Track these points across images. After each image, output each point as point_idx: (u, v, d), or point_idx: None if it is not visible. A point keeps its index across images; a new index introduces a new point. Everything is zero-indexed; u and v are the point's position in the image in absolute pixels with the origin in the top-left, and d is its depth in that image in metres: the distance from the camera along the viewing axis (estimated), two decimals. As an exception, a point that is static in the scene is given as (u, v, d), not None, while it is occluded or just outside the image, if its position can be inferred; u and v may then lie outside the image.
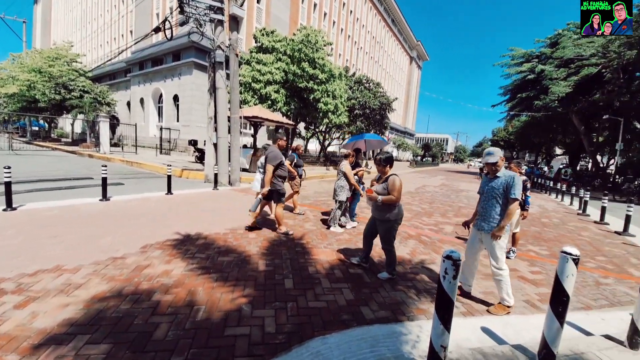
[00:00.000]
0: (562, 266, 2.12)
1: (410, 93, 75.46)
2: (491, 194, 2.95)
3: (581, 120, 25.11)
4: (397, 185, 3.32)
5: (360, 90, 20.66)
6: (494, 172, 2.95)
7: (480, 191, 3.15)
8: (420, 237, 5.42)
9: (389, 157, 3.53)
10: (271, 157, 4.46)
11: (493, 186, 2.94)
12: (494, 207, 2.92)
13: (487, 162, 2.95)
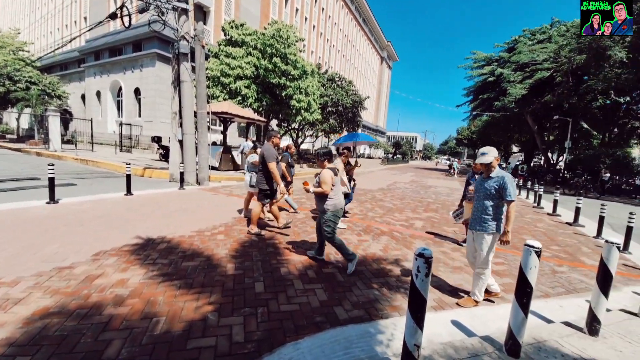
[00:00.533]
0: (525, 259, 2.20)
1: (381, 92, 77.31)
2: (484, 195, 2.91)
3: (534, 120, 27.22)
4: (326, 178, 3.43)
5: (333, 88, 20.69)
6: (488, 172, 2.91)
7: (476, 190, 3.12)
8: (392, 233, 5.49)
9: (326, 152, 3.67)
10: (268, 156, 4.42)
11: (486, 187, 2.90)
12: (487, 208, 2.88)
13: (481, 163, 2.89)
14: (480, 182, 3.01)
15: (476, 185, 3.08)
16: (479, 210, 2.95)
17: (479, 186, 3.01)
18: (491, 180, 2.88)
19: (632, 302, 3.24)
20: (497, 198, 2.84)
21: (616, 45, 14.29)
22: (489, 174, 2.92)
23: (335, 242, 3.53)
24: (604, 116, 25.79)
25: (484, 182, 2.96)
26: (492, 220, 2.88)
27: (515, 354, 2.23)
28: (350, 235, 5.06)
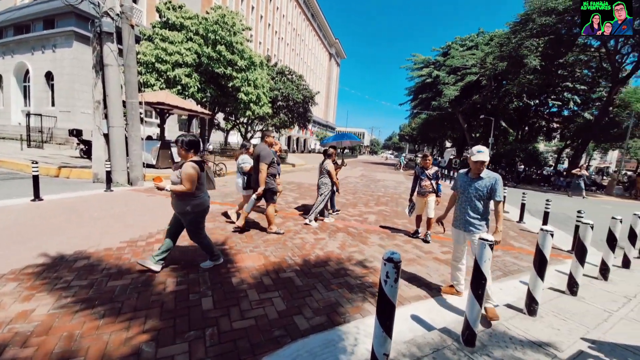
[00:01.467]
0: (481, 252, 2.26)
1: (331, 88, 78.65)
2: (475, 195, 2.83)
3: (465, 118, 30.45)
4: (190, 174, 2.87)
5: (283, 81, 20.19)
6: (479, 171, 2.80)
7: (459, 190, 2.98)
8: (347, 229, 5.48)
9: (192, 140, 2.99)
10: (264, 155, 4.30)
11: (477, 187, 2.81)
12: (478, 208, 2.82)
13: (478, 160, 2.73)
14: (469, 181, 2.88)
15: (462, 185, 2.93)
16: (470, 210, 2.86)
17: (466, 186, 2.89)
18: (482, 180, 2.80)
19: (558, 281, 3.68)
20: (487, 198, 2.81)
21: (531, 54, 16.62)
22: (479, 174, 2.81)
23: (205, 242, 3.23)
24: (518, 116, 30.05)
25: (473, 182, 2.85)
26: (482, 220, 2.85)
27: (471, 343, 2.30)
28: (306, 235, 4.88)
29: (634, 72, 16.96)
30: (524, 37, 16.57)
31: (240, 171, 5.05)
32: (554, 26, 16.25)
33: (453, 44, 31.15)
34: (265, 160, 4.27)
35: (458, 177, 3.04)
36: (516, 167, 23.89)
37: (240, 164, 5.01)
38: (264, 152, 4.32)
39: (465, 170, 3.02)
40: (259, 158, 4.30)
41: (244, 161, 5.00)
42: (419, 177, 5.12)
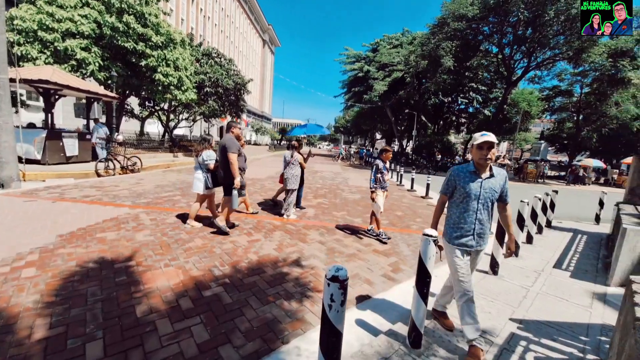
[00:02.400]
0: (424, 248, 2.12)
1: (265, 77, 75.83)
2: (490, 199, 2.16)
3: (392, 112, 32.81)
4: None
5: (211, 64, 18.26)
6: (485, 161, 2.08)
7: (461, 193, 2.18)
8: (285, 226, 5.08)
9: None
10: (230, 145, 4.10)
11: (492, 188, 2.15)
12: (490, 215, 2.21)
13: (486, 141, 2.04)
14: (478, 181, 2.14)
15: (467, 186, 2.15)
16: (484, 219, 2.17)
17: (475, 187, 2.13)
18: (494, 179, 2.16)
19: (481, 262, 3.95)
20: (494, 201, 2.21)
21: (447, 55, 18.52)
22: (485, 165, 2.11)
23: None
24: (435, 111, 33.77)
25: (484, 181, 2.13)
26: (489, 229, 2.25)
27: (418, 345, 2.19)
28: (238, 237, 4.31)
29: (523, 75, 20.50)
30: (441, 38, 18.38)
31: (203, 168, 4.54)
32: (464, 31, 18.40)
33: (381, 41, 32.96)
34: (232, 149, 4.08)
35: (456, 176, 2.21)
36: (435, 156, 26.90)
37: (205, 160, 4.50)
38: (230, 141, 4.13)
39: (463, 166, 2.23)
40: (225, 149, 4.07)
41: (209, 157, 4.53)
42: (381, 170, 4.72)
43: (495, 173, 2.18)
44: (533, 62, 19.91)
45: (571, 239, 5.69)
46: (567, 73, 24.27)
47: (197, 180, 4.58)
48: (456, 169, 2.26)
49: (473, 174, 2.16)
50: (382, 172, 4.71)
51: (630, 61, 14.82)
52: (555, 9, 14.45)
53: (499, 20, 18.21)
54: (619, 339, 1.73)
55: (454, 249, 2.24)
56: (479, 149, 2.09)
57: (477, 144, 2.09)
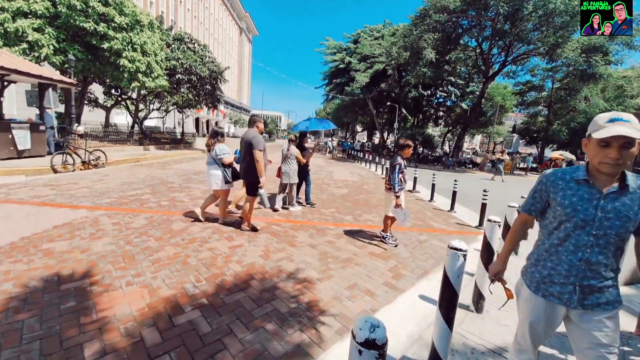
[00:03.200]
0: (453, 265, 1.76)
1: (243, 67, 73.21)
2: (616, 228, 1.21)
3: (373, 105, 32.70)
4: None
5: (183, 50, 16.96)
6: (614, 171, 1.20)
7: (578, 219, 1.26)
8: (270, 227, 4.60)
9: None
10: (257, 142, 3.90)
11: (622, 210, 1.21)
12: (610, 256, 1.25)
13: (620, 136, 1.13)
14: (595, 197, 1.25)
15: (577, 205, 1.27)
16: (600, 260, 1.25)
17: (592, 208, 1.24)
18: (628, 195, 1.22)
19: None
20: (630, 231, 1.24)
21: (429, 47, 18.40)
22: (616, 174, 1.23)
23: None
24: (414, 105, 34.07)
25: (609, 198, 1.23)
26: (615, 280, 1.30)
27: (441, 378, 1.84)
28: (217, 242, 3.78)
29: (500, 70, 20.90)
30: (422, 30, 18.22)
31: (219, 163, 4.31)
32: (445, 23, 18.35)
33: (362, 32, 32.50)
34: (259, 146, 3.89)
35: (552, 185, 1.36)
36: (416, 149, 27.15)
37: (219, 155, 4.29)
38: (257, 138, 3.91)
39: (566, 170, 1.36)
40: (251, 145, 3.87)
41: (223, 152, 4.31)
42: (403, 170, 4.04)
43: (631, 181, 1.23)
44: (510, 56, 20.35)
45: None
46: (540, 69, 25.17)
47: (214, 177, 4.29)
48: (552, 173, 1.39)
49: (584, 184, 1.27)
50: (403, 172, 4.03)
51: (602, 57, 15.48)
52: (534, 3, 14.66)
53: (478, 13, 18.31)
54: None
55: (535, 298, 1.39)
56: (604, 146, 1.18)
57: (600, 137, 1.17)
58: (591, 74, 16.13)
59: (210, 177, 4.30)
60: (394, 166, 4.01)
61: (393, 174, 4.00)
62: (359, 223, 5.22)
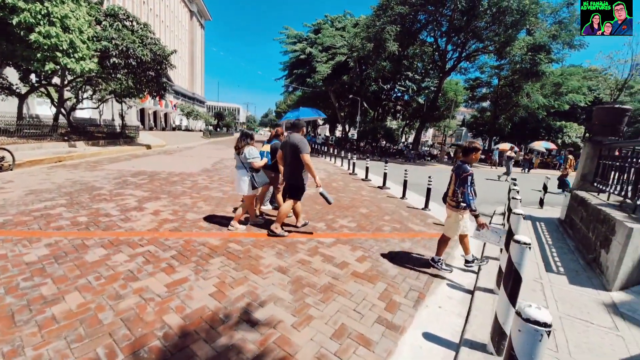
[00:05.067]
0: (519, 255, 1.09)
1: (195, 54, 67.73)
2: None
3: (336, 98, 32.30)
4: None
5: (117, 28, 14.48)
6: None
7: None
8: (227, 246, 3.66)
9: None
10: (303, 147, 3.92)
11: None
12: None
13: None
14: None
15: None
16: None
17: None
18: None
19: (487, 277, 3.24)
20: None
21: (391, 39, 18.21)
22: None
23: None
24: (375, 98, 34.42)
25: None
26: None
27: None
28: (149, 279, 2.77)
29: (455, 66, 21.67)
30: (385, 21, 17.97)
31: (247, 167, 4.10)
32: (405, 16, 18.32)
33: (323, 22, 31.65)
34: (306, 150, 3.94)
35: None
36: (379, 142, 27.43)
37: (248, 158, 4.07)
38: (303, 142, 3.99)
39: None
40: (298, 149, 3.93)
41: (252, 155, 4.10)
42: (469, 176, 3.15)
43: None
44: (464, 53, 21.17)
45: (533, 226, 5.59)
46: (488, 66, 26.84)
47: (242, 182, 4.07)
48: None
49: None
50: (471, 183, 3.16)
51: (546, 55, 16.71)
52: (489, 0, 15.17)
53: (436, 8, 18.60)
54: None
55: None
56: None
57: None
58: (535, 72, 17.38)
59: (238, 182, 4.10)
60: (464, 177, 3.10)
61: (464, 186, 3.10)
62: (334, 232, 4.52)
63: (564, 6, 17.15)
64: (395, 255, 3.78)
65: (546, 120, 27.21)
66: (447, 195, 3.45)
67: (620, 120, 5.47)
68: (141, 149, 16.00)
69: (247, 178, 4.04)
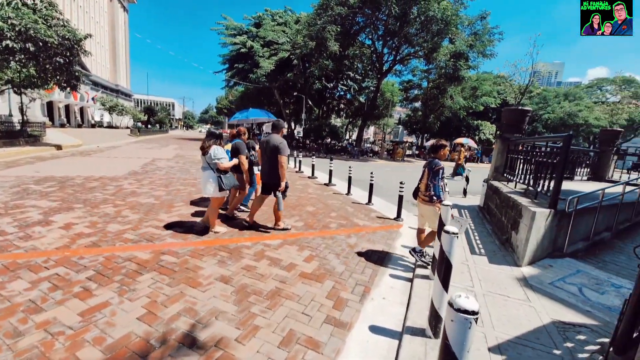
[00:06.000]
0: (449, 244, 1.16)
1: (118, 40, 59.67)
2: None
3: (280, 94, 31.87)
4: None
5: (16, 7, 11.90)
6: None
7: None
8: (159, 259, 3.26)
9: None
10: (284, 148, 4.06)
11: None
12: None
13: None
14: None
15: None
16: None
17: None
18: None
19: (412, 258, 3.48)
20: None
21: (332, 38, 18.56)
22: None
23: None
24: (319, 96, 34.96)
25: None
26: None
27: None
28: (58, 309, 2.30)
29: (391, 68, 23.19)
30: (326, 21, 18.27)
31: (212, 168, 3.89)
32: (345, 17, 18.90)
33: (264, 16, 30.80)
34: (285, 152, 4.05)
35: None
36: (324, 140, 27.95)
37: (213, 159, 3.85)
38: (283, 144, 4.05)
39: None
40: (278, 150, 4.01)
41: (217, 156, 3.88)
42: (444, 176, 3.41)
43: None
44: (398, 56, 22.80)
45: (459, 214, 6.29)
46: (419, 70, 29.46)
47: (207, 183, 3.90)
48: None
49: None
50: (444, 177, 3.40)
51: (465, 62, 19.00)
52: (418, 8, 16.56)
53: (373, 12, 19.60)
54: None
55: None
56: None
57: None
58: (457, 76, 19.66)
59: (204, 184, 3.91)
60: (436, 170, 3.28)
61: (435, 179, 3.27)
62: (281, 233, 4.41)
63: (478, 19, 19.71)
64: (341, 252, 3.85)
65: (466, 120, 31.13)
66: (418, 190, 3.62)
67: (523, 120, 6.49)
68: (49, 149, 13.48)
69: (212, 180, 3.88)
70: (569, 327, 2.45)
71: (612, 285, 3.33)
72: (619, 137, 9.50)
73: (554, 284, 3.26)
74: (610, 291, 3.19)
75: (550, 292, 3.06)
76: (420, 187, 3.59)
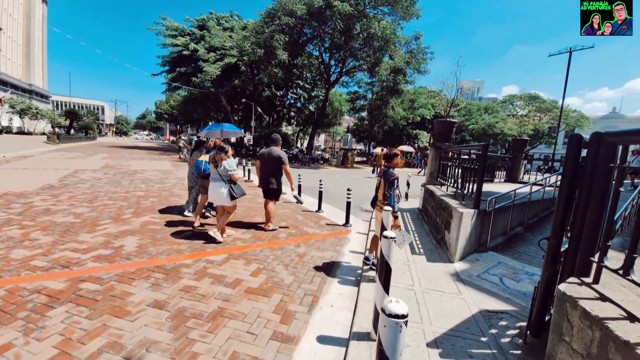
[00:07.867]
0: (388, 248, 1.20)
1: (33, 34, 51.28)
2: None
3: (228, 100, 30.75)
4: None
5: None
6: None
7: None
8: (77, 287, 2.81)
9: None
10: (285, 159, 5.01)
11: None
12: None
13: None
14: None
15: None
16: None
17: None
18: None
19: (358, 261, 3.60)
20: None
21: (281, 47, 18.62)
22: None
23: None
24: (269, 104, 34.69)
25: None
26: None
27: None
28: None
29: (337, 79, 24.14)
30: (274, 30, 18.30)
31: (225, 179, 4.27)
32: (293, 28, 19.19)
33: (209, 19, 29.63)
34: (287, 162, 5.03)
35: None
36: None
37: (229, 170, 4.25)
38: (284, 155, 5.00)
39: None
40: (281, 161, 4.96)
41: (232, 168, 4.29)
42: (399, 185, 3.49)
43: None
44: (344, 68, 23.90)
45: (401, 216, 6.73)
46: (364, 82, 31.27)
47: (219, 193, 4.20)
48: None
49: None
50: (399, 187, 3.48)
51: (403, 77, 20.78)
52: (360, 25, 17.63)
53: (319, 25, 20.29)
54: None
55: None
56: None
57: None
58: (397, 90, 21.36)
59: (215, 194, 4.24)
60: (391, 181, 3.33)
61: (391, 189, 3.32)
62: (226, 247, 4.18)
63: (413, 39, 21.79)
64: (290, 263, 3.79)
65: (406, 129, 33.88)
66: (376, 199, 3.69)
67: (451, 130, 7.28)
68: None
69: (225, 190, 4.23)
70: (493, 315, 2.76)
71: (526, 273, 3.86)
72: (527, 145, 11.30)
73: (480, 276, 3.66)
74: (525, 279, 3.70)
75: (477, 284, 3.42)
76: (378, 196, 3.71)
